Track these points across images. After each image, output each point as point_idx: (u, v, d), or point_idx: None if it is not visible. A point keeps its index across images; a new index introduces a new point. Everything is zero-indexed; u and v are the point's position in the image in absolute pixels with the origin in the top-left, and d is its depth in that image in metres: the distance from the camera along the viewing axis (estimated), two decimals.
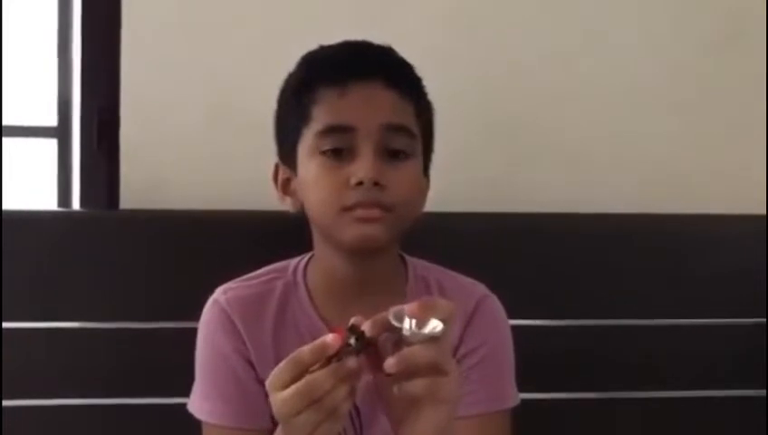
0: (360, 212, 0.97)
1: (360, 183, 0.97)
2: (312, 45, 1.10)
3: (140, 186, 1.61)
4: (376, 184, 0.97)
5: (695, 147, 1.71)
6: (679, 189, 1.69)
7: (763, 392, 1.56)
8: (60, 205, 1.74)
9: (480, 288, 1.11)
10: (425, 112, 1.07)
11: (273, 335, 1.04)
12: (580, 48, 1.68)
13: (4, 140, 1.70)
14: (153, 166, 1.61)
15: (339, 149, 0.99)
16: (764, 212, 1.62)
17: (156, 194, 1.59)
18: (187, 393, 1.06)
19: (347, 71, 1.02)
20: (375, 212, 0.97)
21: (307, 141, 1.01)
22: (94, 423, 1.45)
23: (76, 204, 1.69)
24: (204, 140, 1.62)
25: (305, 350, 0.75)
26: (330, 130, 1.00)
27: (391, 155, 1.00)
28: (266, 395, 0.99)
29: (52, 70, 1.72)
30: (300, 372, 0.74)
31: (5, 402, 1.41)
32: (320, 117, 1.01)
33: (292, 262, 1.10)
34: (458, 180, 1.57)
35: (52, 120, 1.73)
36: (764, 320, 1.57)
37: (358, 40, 1.08)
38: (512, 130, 1.66)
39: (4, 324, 1.43)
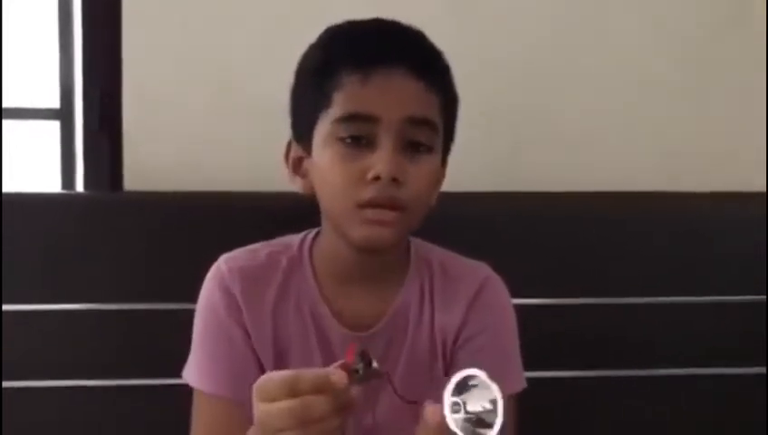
0: (371, 213, 0.93)
1: (377, 177, 0.92)
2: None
3: (144, 168, 1.61)
4: (394, 180, 0.93)
5: (695, 126, 1.71)
6: (679, 168, 1.69)
7: (763, 370, 1.56)
8: (64, 187, 1.74)
9: (484, 269, 1.09)
10: (450, 105, 1.02)
11: (273, 310, 1.02)
12: (585, 29, 1.68)
13: (6, 122, 1.70)
14: (156, 148, 1.61)
15: (357, 137, 0.94)
16: (765, 190, 1.62)
17: (159, 176, 1.59)
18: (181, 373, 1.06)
19: (372, 55, 0.96)
20: (388, 215, 0.93)
21: (324, 126, 0.97)
22: (99, 404, 1.46)
23: (80, 186, 1.70)
24: (207, 122, 1.62)
25: (307, 377, 0.72)
26: (350, 118, 0.95)
27: (411, 148, 0.95)
28: (261, 369, 1.00)
29: (54, 52, 1.72)
30: (293, 394, 0.72)
31: (6, 384, 1.42)
32: (340, 103, 0.95)
33: (298, 237, 1.08)
34: (462, 161, 1.56)
35: (54, 102, 1.73)
36: (765, 298, 1.57)
37: (387, 20, 1.01)
38: (516, 111, 1.66)
39: (8, 307, 1.43)
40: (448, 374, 1.02)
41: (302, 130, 1.01)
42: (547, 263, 1.54)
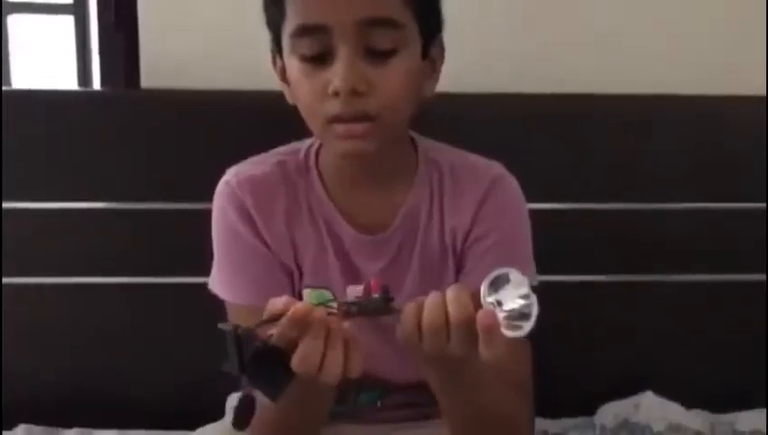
0: (340, 129, 0.88)
1: (336, 93, 0.87)
2: None
3: (161, 64, 1.57)
4: (356, 93, 0.86)
5: (698, 30, 1.63)
6: (680, 70, 1.61)
7: (763, 277, 1.53)
8: (80, 84, 1.71)
9: (495, 168, 1.03)
10: None
11: (286, 219, 1.00)
12: None
13: (19, 16, 1.66)
14: (173, 43, 1.56)
15: (316, 55, 0.88)
16: (765, 93, 1.54)
17: (177, 72, 1.55)
18: (204, 273, 1.05)
19: None
20: (356, 128, 0.88)
21: (285, 40, 0.91)
22: (116, 301, 1.47)
23: (96, 82, 1.66)
24: (225, 17, 1.56)
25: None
26: (301, 32, 0.88)
27: (375, 55, 0.87)
28: (287, 274, 1.00)
29: None
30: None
31: (27, 279, 1.44)
32: (291, 16, 0.89)
33: (305, 144, 1.04)
34: (488, 60, 1.53)
35: None
36: (764, 205, 1.53)
37: None
38: (540, 14, 1.60)
39: (22, 205, 1.43)
40: (459, 274, 1.00)
41: (275, 41, 0.96)
42: (553, 166, 1.50)
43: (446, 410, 0.89)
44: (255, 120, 1.39)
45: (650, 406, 1.46)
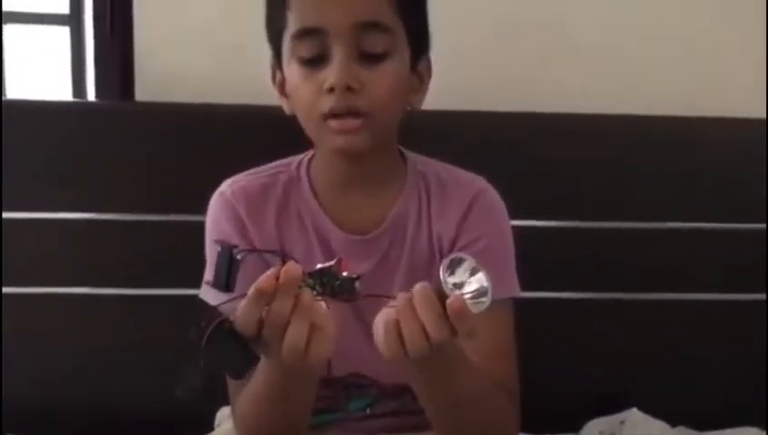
0: (335, 123, 0.96)
1: (331, 89, 0.94)
2: None
3: (156, 77, 1.58)
4: (349, 89, 0.94)
5: (698, 50, 1.67)
6: (679, 92, 1.65)
7: (763, 296, 1.55)
8: (75, 95, 1.72)
9: (479, 182, 1.09)
10: (407, 2, 0.99)
11: (277, 223, 1.05)
12: None
13: (14, 27, 1.67)
14: (168, 57, 1.58)
15: (314, 57, 0.96)
16: (765, 116, 1.58)
17: (171, 87, 1.57)
18: (198, 285, 1.06)
19: None
20: (350, 123, 0.95)
21: (286, 45, 0.99)
22: (109, 312, 1.47)
23: (91, 94, 1.67)
24: (219, 33, 1.58)
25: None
26: (301, 35, 0.96)
27: (368, 56, 0.96)
28: None
29: None
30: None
31: (23, 289, 1.44)
32: (292, 20, 0.97)
33: (297, 158, 1.10)
34: (474, 78, 1.55)
35: (63, 6, 1.69)
36: (765, 225, 1.55)
37: None
38: (527, 28, 1.62)
39: (16, 215, 1.43)
40: None
41: (276, 52, 1.03)
42: (549, 184, 1.52)
43: (427, 402, 0.92)
44: (249, 134, 1.41)
45: (635, 423, 1.47)
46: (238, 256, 0.77)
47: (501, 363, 1.00)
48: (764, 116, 1.58)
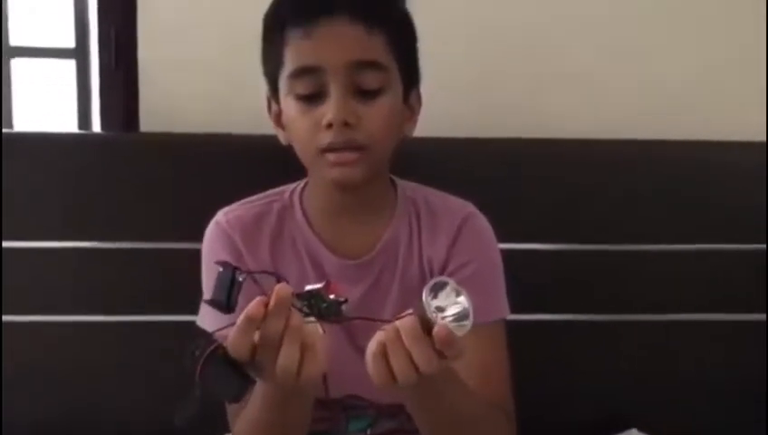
0: (333, 157, 0.99)
1: (329, 125, 0.98)
2: None
3: (160, 109, 1.61)
4: (346, 124, 0.98)
5: (697, 73, 1.69)
6: (680, 115, 1.67)
7: (762, 317, 1.56)
8: (80, 127, 1.75)
9: (467, 207, 1.13)
10: (400, 42, 1.04)
11: (271, 250, 1.08)
12: None
13: (21, 61, 1.70)
14: (172, 89, 1.61)
15: (312, 94, 0.99)
16: (765, 139, 1.60)
17: (176, 117, 1.59)
18: (198, 312, 1.08)
19: (312, 9, 1.00)
20: (348, 156, 0.99)
21: (283, 82, 1.02)
22: (114, 339, 1.49)
23: (96, 125, 1.70)
24: (222, 64, 1.60)
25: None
26: (298, 73, 1.00)
27: (363, 93, 0.99)
28: None
29: None
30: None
31: (28, 318, 1.45)
32: (289, 60, 1.01)
33: (290, 186, 1.14)
34: (473, 105, 1.58)
35: (69, 41, 1.72)
36: (764, 246, 1.56)
37: None
38: (526, 55, 1.64)
39: (23, 244, 1.45)
40: None
41: (272, 87, 1.07)
42: (548, 208, 1.53)
43: (423, 425, 0.93)
44: (252, 164, 1.43)
45: None
46: (240, 278, 0.78)
47: (495, 385, 1.02)
48: (765, 139, 1.60)
